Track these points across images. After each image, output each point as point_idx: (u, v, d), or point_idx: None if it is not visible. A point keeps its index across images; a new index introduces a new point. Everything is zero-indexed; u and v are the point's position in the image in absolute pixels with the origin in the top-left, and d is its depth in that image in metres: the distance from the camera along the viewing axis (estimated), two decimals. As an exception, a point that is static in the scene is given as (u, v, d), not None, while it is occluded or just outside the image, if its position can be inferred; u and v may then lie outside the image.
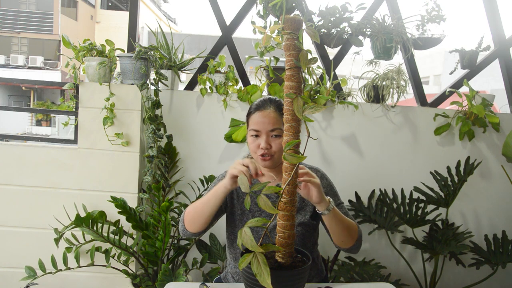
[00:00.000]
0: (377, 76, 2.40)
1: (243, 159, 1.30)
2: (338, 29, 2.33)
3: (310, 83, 2.29)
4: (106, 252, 1.99)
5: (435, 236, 2.31)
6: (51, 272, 1.92)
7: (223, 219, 1.59)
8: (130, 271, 2.05)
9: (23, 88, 18.65)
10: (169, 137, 2.23)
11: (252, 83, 2.38)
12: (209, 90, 2.33)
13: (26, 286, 1.88)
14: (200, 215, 1.38)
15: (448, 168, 2.29)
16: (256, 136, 1.42)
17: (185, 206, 2.12)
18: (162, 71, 2.23)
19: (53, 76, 18.46)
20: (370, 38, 2.34)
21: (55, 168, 2.16)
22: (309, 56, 1.08)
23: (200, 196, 2.22)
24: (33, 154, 2.15)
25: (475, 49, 2.47)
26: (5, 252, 2.19)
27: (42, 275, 1.90)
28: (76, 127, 2.17)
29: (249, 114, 1.49)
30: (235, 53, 2.46)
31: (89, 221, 1.91)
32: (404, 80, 2.37)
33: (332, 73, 2.40)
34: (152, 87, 2.16)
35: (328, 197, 1.30)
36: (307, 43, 2.41)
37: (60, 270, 1.93)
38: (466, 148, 2.49)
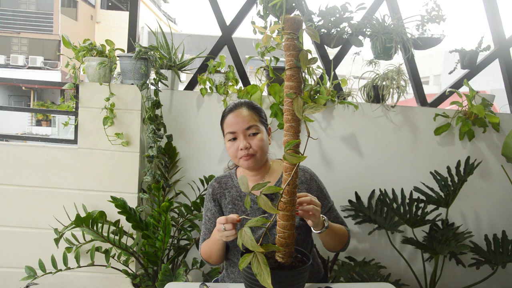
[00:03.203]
0: (377, 76, 2.40)
1: (221, 218, 1.25)
2: (338, 29, 2.33)
3: (310, 83, 2.29)
4: (106, 252, 1.99)
5: (435, 236, 2.31)
6: (51, 272, 1.92)
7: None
8: (130, 271, 2.04)
9: (23, 88, 18.64)
10: (169, 137, 2.23)
11: (252, 83, 2.38)
12: (209, 90, 2.33)
13: (26, 286, 1.88)
14: (215, 257, 1.44)
15: (448, 168, 2.29)
16: (234, 139, 1.41)
17: (185, 206, 2.11)
18: (162, 71, 2.23)
19: (53, 76, 18.45)
20: (370, 38, 2.34)
21: (55, 168, 2.16)
22: (309, 56, 1.08)
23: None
24: (33, 154, 2.15)
25: (475, 49, 2.47)
26: (5, 252, 2.19)
27: (42, 275, 1.90)
28: (76, 127, 2.17)
29: (222, 120, 1.48)
30: (235, 53, 2.46)
31: (89, 221, 1.91)
32: (404, 80, 2.37)
33: (332, 73, 2.40)
34: (152, 87, 2.16)
35: (323, 217, 1.30)
36: (307, 43, 2.42)
37: (60, 270, 1.93)
38: (466, 148, 2.49)
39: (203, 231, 1.53)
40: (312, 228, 1.31)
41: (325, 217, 1.31)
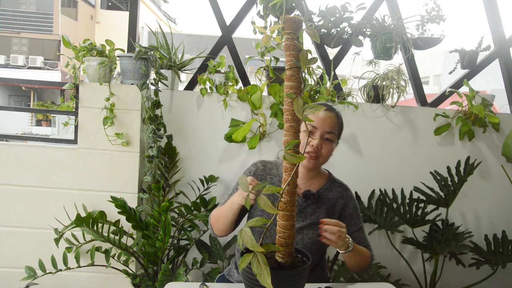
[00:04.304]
0: (377, 76, 2.40)
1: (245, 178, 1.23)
2: (338, 29, 2.33)
3: (310, 83, 2.30)
4: (106, 252, 1.99)
5: (435, 236, 2.31)
6: (51, 272, 1.92)
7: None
8: (130, 271, 2.04)
9: (23, 88, 18.64)
10: (169, 137, 2.23)
11: (252, 83, 2.38)
12: (209, 90, 2.33)
13: (26, 286, 1.88)
14: (222, 223, 1.42)
15: (448, 168, 2.29)
16: (310, 132, 1.43)
17: (185, 206, 2.11)
18: (162, 71, 2.23)
19: (53, 76, 18.44)
20: (370, 38, 2.34)
21: (55, 168, 2.16)
22: (309, 56, 1.08)
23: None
24: (33, 154, 2.15)
25: (475, 49, 2.47)
26: (5, 252, 2.19)
27: (42, 275, 1.90)
28: (76, 127, 2.17)
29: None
30: (235, 53, 2.46)
31: (89, 221, 1.91)
32: (404, 80, 2.37)
33: (332, 73, 2.40)
34: (152, 87, 2.15)
35: (348, 239, 1.33)
36: (307, 43, 2.41)
37: (60, 270, 1.93)
38: (466, 148, 2.49)
39: (223, 200, 1.51)
40: (337, 249, 1.34)
41: (351, 240, 1.34)
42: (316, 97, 2.29)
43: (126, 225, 2.07)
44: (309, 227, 1.47)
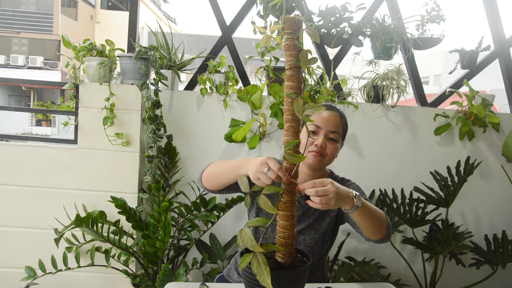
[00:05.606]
0: (377, 76, 2.40)
1: (274, 161, 1.12)
2: (338, 29, 2.33)
3: (310, 83, 2.29)
4: (106, 252, 1.99)
5: (435, 236, 2.31)
6: (51, 272, 1.92)
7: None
8: (130, 271, 2.04)
9: (23, 88, 18.64)
10: (169, 137, 2.23)
11: (252, 83, 2.38)
12: (209, 90, 2.33)
13: (26, 286, 1.88)
14: (216, 180, 1.35)
15: (448, 168, 2.29)
16: (313, 133, 1.43)
17: (185, 206, 2.11)
18: (162, 71, 2.23)
19: (53, 76, 18.44)
20: (370, 38, 2.34)
21: (55, 168, 2.16)
22: (309, 56, 1.08)
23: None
24: (33, 154, 2.15)
25: (475, 49, 2.47)
26: (5, 252, 2.19)
27: (42, 275, 1.90)
28: (76, 127, 2.17)
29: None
30: (235, 53, 2.46)
31: (89, 221, 1.91)
32: (404, 80, 2.37)
33: (332, 73, 2.40)
34: (152, 87, 2.16)
35: (351, 192, 1.19)
36: (307, 43, 2.41)
37: (60, 270, 1.93)
38: (466, 148, 2.49)
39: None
40: (342, 208, 1.22)
41: (356, 193, 1.20)
42: (316, 97, 2.29)
43: (126, 225, 2.07)
44: (311, 227, 1.47)
